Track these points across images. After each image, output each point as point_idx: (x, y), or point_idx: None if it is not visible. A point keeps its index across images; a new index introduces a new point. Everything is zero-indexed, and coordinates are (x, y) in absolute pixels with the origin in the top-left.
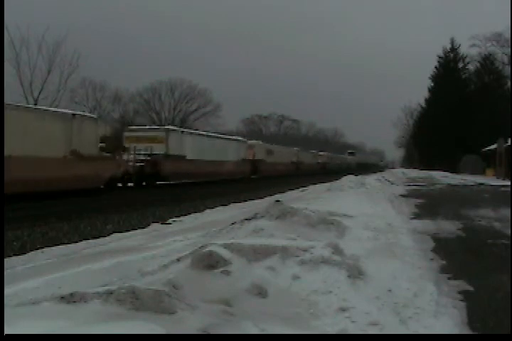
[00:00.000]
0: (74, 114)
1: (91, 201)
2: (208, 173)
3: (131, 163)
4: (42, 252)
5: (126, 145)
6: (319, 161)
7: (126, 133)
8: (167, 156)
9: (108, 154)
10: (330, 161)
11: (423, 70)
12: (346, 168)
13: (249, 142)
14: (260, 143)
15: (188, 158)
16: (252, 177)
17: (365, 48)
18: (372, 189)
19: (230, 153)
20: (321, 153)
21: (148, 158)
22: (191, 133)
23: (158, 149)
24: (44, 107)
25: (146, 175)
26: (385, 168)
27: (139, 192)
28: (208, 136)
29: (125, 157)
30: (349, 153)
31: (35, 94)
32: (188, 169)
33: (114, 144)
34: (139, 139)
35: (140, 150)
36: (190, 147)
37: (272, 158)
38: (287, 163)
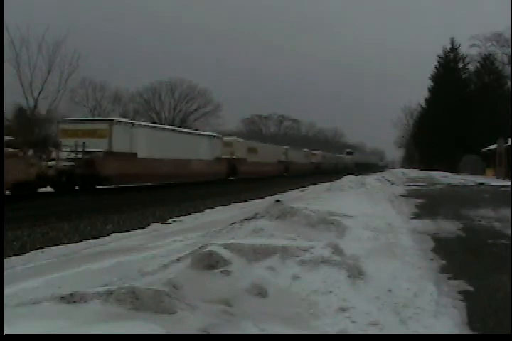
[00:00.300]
0: None
1: (91, 201)
2: (169, 175)
3: (52, 163)
4: (42, 252)
5: (62, 140)
6: (313, 161)
7: (62, 126)
8: (109, 154)
9: (14, 150)
10: (325, 161)
11: (423, 70)
12: (343, 168)
13: (226, 139)
14: (239, 139)
15: (140, 156)
16: (230, 178)
17: (365, 48)
18: (372, 189)
19: (201, 150)
20: (314, 151)
21: (80, 157)
22: (144, 125)
23: (100, 145)
24: None
25: (79, 177)
26: (384, 167)
27: (140, 192)
28: (168, 129)
29: (55, 155)
30: (347, 152)
31: (35, 94)
32: (139, 169)
33: (29, 138)
34: (76, 133)
35: (74, 146)
36: (144, 143)
37: (254, 156)
38: (274, 162)
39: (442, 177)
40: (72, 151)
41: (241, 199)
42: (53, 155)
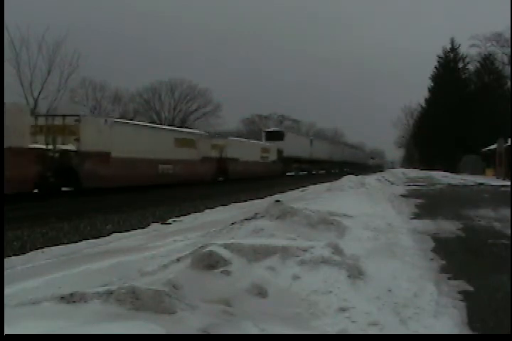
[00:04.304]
0: None
1: (91, 201)
2: None
3: None
4: (42, 252)
5: None
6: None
7: None
8: None
9: None
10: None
11: (423, 70)
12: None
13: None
14: (118, 120)
15: None
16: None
17: (365, 48)
18: (372, 189)
19: None
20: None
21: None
22: None
23: None
24: None
25: None
26: (380, 168)
27: (139, 192)
28: None
29: None
30: (267, 133)
31: (35, 94)
32: None
33: None
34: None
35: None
36: None
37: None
38: (192, 160)
39: (442, 177)
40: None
41: (241, 199)
42: None
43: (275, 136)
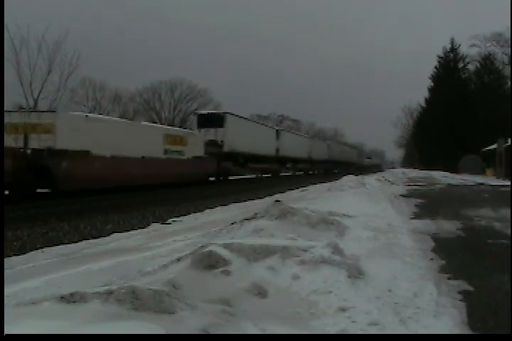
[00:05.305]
0: None
1: (91, 201)
2: None
3: None
4: (42, 252)
5: None
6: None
7: None
8: None
9: None
10: None
11: (423, 70)
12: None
13: None
14: None
15: None
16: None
17: (365, 48)
18: (372, 189)
19: None
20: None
21: None
22: None
23: None
24: None
25: None
26: (379, 168)
27: (140, 192)
28: None
29: None
30: (200, 116)
31: (35, 94)
32: None
33: None
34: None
35: None
36: None
37: None
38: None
39: (442, 177)
40: None
41: (241, 199)
42: None
43: (212, 120)
